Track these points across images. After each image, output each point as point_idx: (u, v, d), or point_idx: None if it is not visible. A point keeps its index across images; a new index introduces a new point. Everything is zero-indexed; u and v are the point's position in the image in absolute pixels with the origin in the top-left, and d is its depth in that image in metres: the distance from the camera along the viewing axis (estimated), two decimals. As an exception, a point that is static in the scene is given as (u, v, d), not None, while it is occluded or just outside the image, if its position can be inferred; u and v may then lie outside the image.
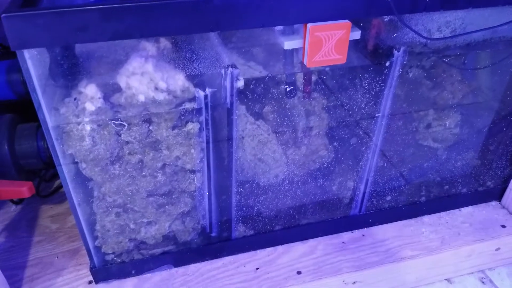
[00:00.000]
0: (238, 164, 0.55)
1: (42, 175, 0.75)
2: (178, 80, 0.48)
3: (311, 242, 0.63)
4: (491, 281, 0.66)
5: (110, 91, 0.47)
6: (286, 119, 0.56)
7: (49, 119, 0.44)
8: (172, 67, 0.48)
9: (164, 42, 0.49)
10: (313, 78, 0.51)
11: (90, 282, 0.57)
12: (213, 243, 0.59)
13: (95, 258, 0.55)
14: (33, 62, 0.40)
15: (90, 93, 0.46)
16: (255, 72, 0.48)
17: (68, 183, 0.48)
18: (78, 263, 0.61)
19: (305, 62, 0.46)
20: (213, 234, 0.59)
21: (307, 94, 0.52)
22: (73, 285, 0.57)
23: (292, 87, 0.50)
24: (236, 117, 0.50)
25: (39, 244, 0.64)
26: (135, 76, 0.47)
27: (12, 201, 0.71)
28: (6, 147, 0.60)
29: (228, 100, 0.47)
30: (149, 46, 0.48)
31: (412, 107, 0.61)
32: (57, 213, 0.70)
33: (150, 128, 0.49)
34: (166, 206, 0.54)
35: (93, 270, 0.56)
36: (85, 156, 0.48)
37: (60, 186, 0.75)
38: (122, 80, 0.47)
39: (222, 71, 0.45)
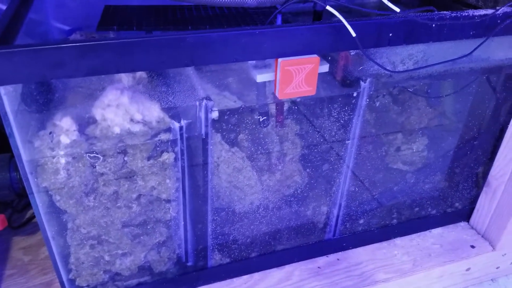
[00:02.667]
0: (214, 191, 0.56)
1: (15, 205, 0.73)
2: (154, 111, 0.50)
3: (287, 268, 0.64)
4: (462, 301, 0.68)
5: (85, 123, 0.48)
6: (260, 146, 0.57)
7: (23, 153, 0.44)
8: (147, 99, 0.49)
9: (140, 74, 0.50)
10: (285, 107, 0.54)
11: (63, 317, 0.56)
12: (189, 273, 0.59)
13: (68, 292, 0.55)
14: (9, 98, 0.40)
15: (65, 126, 0.47)
16: (230, 102, 0.50)
17: (41, 215, 0.48)
18: (51, 297, 0.59)
19: (276, 94, 0.48)
20: (189, 263, 0.59)
21: (280, 123, 0.54)
22: (45, 320, 0.56)
23: (265, 117, 0.52)
24: (211, 147, 0.51)
25: (10, 278, 0.62)
26: (110, 108, 0.48)
27: (-18, 233, 0.69)
28: (-23, 179, 0.59)
29: (203, 131, 0.49)
30: (124, 79, 0.49)
31: (381, 132, 0.64)
32: (29, 245, 0.68)
33: (125, 159, 0.50)
34: (141, 237, 0.54)
35: (66, 304, 0.55)
36: (59, 189, 0.48)
37: (33, 217, 0.73)
38: (97, 112, 0.48)
39: (197, 103, 0.47)
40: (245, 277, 0.62)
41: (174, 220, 0.55)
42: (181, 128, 0.48)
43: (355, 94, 0.55)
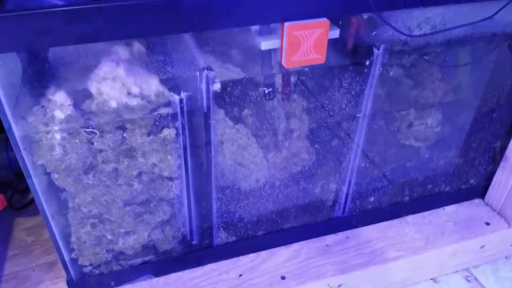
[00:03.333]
0: (218, 169, 0.54)
1: (15, 186, 0.72)
2: (152, 85, 0.47)
3: (295, 246, 0.62)
4: (476, 279, 0.66)
5: (80, 98, 0.45)
6: (266, 122, 0.54)
7: (15, 129, 0.41)
8: (145, 71, 0.46)
9: (136, 45, 0.47)
10: (292, 79, 0.50)
11: (67, 296, 0.55)
12: (195, 251, 0.57)
13: (72, 271, 0.53)
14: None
15: (59, 101, 0.44)
16: (233, 74, 0.47)
17: (39, 195, 0.46)
18: (55, 277, 0.58)
19: (283, 63, 0.44)
20: (194, 242, 0.57)
21: (286, 96, 0.51)
22: (49, 299, 0.55)
23: (271, 89, 0.48)
24: (213, 121, 0.48)
25: (14, 258, 0.61)
26: (106, 81, 0.45)
27: (-16, 213, 0.68)
28: (-25, 158, 0.57)
29: (204, 104, 0.46)
30: (120, 50, 0.46)
31: (393, 107, 0.60)
32: (32, 226, 0.67)
33: (124, 135, 0.47)
34: (144, 215, 0.52)
35: (70, 283, 0.53)
36: (56, 166, 0.45)
37: (33, 198, 0.72)
38: (92, 86, 0.45)
39: (197, 73, 0.44)
40: (251, 255, 0.60)
41: (178, 198, 0.53)
42: (181, 101, 0.45)
43: (367, 63, 0.51)
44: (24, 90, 0.43)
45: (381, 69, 0.53)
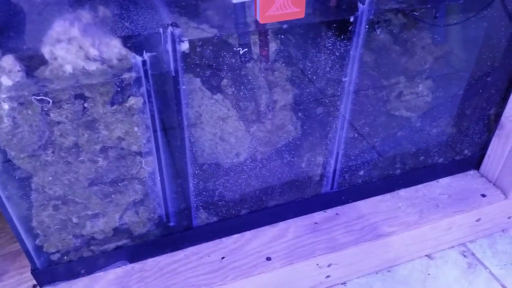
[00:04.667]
0: (196, 143, 0.49)
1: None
2: (114, 48, 0.41)
3: (281, 225, 0.57)
4: (472, 254, 0.62)
5: (32, 62, 0.40)
6: (246, 91, 0.49)
7: (-48, 97, 0.36)
8: (105, 33, 0.41)
9: (103, 12, 0.41)
10: (270, 39, 0.45)
11: (34, 286, 0.50)
12: (173, 234, 0.53)
13: (36, 259, 0.48)
14: None
15: (6, 66, 0.39)
16: (203, 33, 0.42)
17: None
18: (21, 266, 0.53)
19: (257, 18, 0.39)
20: (171, 224, 0.52)
21: (265, 58, 0.46)
22: (14, 291, 0.50)
23: (246, 49, 0.43)
24: (183, 87, 0.43)
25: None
26: (61, 44, 0.40)
27: None
28: None
29: (171, 67, 0.41)
30: (84, 17, 0.41)
31: (382, 75, 0.56)
32: (-3, 213, 0.62)
33: (85, 105, 0.42)
34: (113, 195, 0.47)
35: (35, 272, 0.49)
36: (7, 141, 0.40)
37: None
38: (45, 50, 0.40)
39: (161, 30, 0.38)
40: (235, 236, 0.55)
41: (150, 175, 0.48)
42: (144, 62, 0.40)
43: (352, 19, 0.46)
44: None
45: (367, 27, 0.48)
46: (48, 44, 0.40)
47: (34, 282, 0.51)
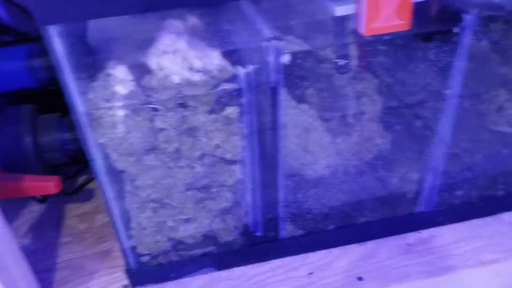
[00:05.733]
0: (288, 155, 0.54)
1: (66, 172, 0.76)
2: (214, 59, 0.48)
3: (370, 244, 0.60)
4: None
5: (140, 73, 0.47)
6: (333, 102, 0.54)
7: (79, 104, 0.44)
8: (205, 45, 0.47)
9: (193, 22, 0.49)
10: (368, 49, 0.49)
11: (125, 287, 0.58)
12: (258, 244, 0.58)
13: (130, 260, 0.56)
14: (61, 40, 0.40)
15: (120, 75, 0.47)
16: (297, 46, 0.47)
17: (102, 177, 0.49)
18: (111, 266, 0.61)
19: (361, 30, 0.44)
20: (258, 234, 0.58)
21: (362, 69, 0.50)
22: (107, 289, 0.58)
23: (345, 61, 0.48)
24: (281, 98, 0.48)
25: (67, 246, 0.65)
26: (167, 55, 0.47)
27: (35, 199, 0.73)
28: (29, 139, 0.62)
29: (272, 79, 0.46)
30: (177, 23, 0.48)
31: (481, 87, 0.57)
32: (83, 212, 0.71)
33: (186, 113, 0.49)
34: (206, 201, 0.54)
35: (129, 272, 0.56)
36: (117, 146, 0.48)
37: (85, 183, 0.76)
38: (153, 61, 0.47)
39: (265, 44, 0.44)
40: (321, 252, 0.59)
41: (241, 184, 0.54)
42: (247, 74, 0.46)
43: (456, 30, 0.49)
44: (86, 63, 0.46)
45: (469, 37, 0.50)
46: (155, 56, 0.47)
47: (124, 282, 0.58)
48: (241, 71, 0.46)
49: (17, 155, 0.62)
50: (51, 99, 0.68)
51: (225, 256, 0.58)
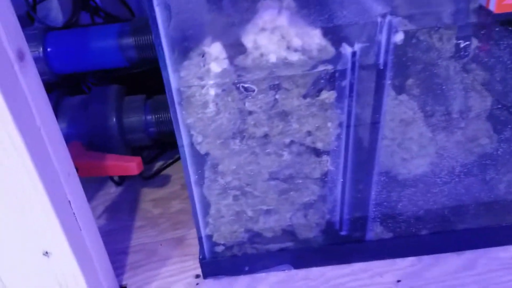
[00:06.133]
0: (385, 149, 0.49)
1: (144, 156, 0.77)
2: (314, 37, 0.45)
3: (468, 255, 0.55)
4: None
5: (234, 51, 0.45)
6: (439, 93, 0.48)
7: (173, 80, 0.43)
8: (305, 21, 0.44)
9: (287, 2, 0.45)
10: (497, 30, 0.44)
11: (197, 276, 0.56)
12: (341, 244, 0.54)
13: (205, 249, 0.54)
14: (161, 10, 0.39)
15: (214, 53, 0.45)
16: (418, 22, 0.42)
17: (186, 158, 0.47)
18: (183, 254, 0.60)
19: (491, 7, 0.38)
20: (342, 233, 0.54)
21: (485, 53, 0.44)
22: (179, 277, 0.57)
23: (468, 42, 0.43)
24: (388, 82, 0.44)
25: (141, 230, 0.65)
26: (264, 32, 0.45)
27: (113, 180, 0.74)
28: (114, 119, 0.62)
29: (381, 60, 0.42)
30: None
31: None
32: (159, 197, 0.71)
33: (277, 96, 0.46)
34: (289, 193, 0.51)
35: (203, 262, 0.54)
36: (205, 127, 0.46)
37: (162, 169, 0.76)
38: (248, 39, 0.45)
39: (378, 20, 0.40)
40: (410, 258, 0.55)
41: (329, 177, 0.50)
42: (353, 54, 0.42)
43: None
44: (182, 38, 0.44)
45: None
46: (251, 33, 0.45)
47: (197, 271, 0.57)
48: (347, 50, 0.42)
49: (101, 134, 0.62)
50: (137, 81, 0.69)
51: (304, 254, 0.55)
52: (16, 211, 0.41)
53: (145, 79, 0.65)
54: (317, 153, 0.49)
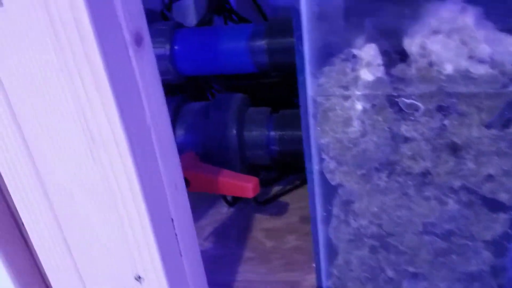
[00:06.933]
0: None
1: (261, 178, 0.70)
2: (510, 46, 0.33)
3: None
4: None
5: (391, 57, 0.35)
6: None
7: (309, 87, 0.34)
8: (499, 24, 0.33)
9: None
10: None
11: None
12: None
13: (324, 304, 0.44)
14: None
15: (367, 57, 0.36)
16: None
17: (313, 187, 0.38)
18: (293, 302, 0.51)
19: None
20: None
21: None
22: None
23: None
24: None
25: (250, 262, 0.58)
26: (437, 36, 0.34)
27: (225, 200, 0.68)
28: (234, 130, 0.56)
29: None
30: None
31: None
32: (273, 228, 0.64)
33: (447, 121, 0.35)
34: (451, 256, 0.38)
35: (318, 320, 0.44)
36: (343, 151, 0.37)
37: (279, 194, 0.69)
38: (413, 43, 0.35)
39: None
40: None
41: (510, 242, 0.37)
42: None
43: None
44: (326, 39, 0.36)
45: None
46: (419, 35, 0.35)
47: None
48: None
49: (218, 146, 0.57)
50: (263, 92, 0.63)
51: None
52: (109, 222, 0.36)
53: (272, 91, 0.59)
54: (496, 207, 0.36)
